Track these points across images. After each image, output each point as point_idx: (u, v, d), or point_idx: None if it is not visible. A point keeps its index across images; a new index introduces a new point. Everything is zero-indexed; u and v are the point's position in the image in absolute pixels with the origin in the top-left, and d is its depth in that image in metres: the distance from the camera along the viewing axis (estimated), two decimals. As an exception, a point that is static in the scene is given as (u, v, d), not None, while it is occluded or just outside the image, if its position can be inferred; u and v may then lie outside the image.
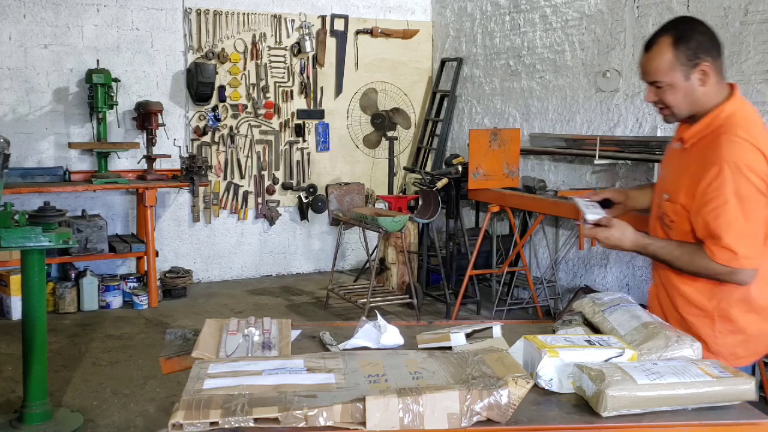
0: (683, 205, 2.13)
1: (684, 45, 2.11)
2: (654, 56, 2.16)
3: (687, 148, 2.20)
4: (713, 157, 2.06)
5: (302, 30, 7.22)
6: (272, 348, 1.95)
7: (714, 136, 2.11)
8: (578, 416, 1.62)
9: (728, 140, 2.06)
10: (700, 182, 2.07)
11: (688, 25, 2.16)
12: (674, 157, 2.27)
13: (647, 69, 2.19)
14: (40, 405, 3.81)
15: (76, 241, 4.20)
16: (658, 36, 2.16)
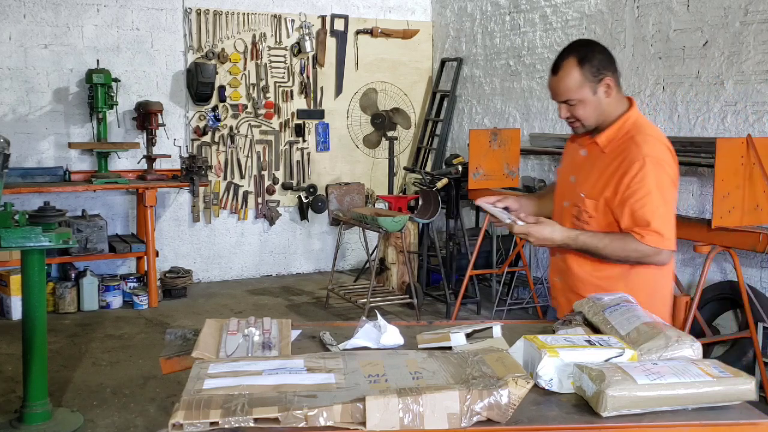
0: (606, 200, 2.36)
1: (588, 63, 2.34)
2: (563, 77, 2.36)
3: (605, 151, 2.41)
4: (634, 153, 2.32)
5: (302, 30, 7.22)
6: (272, 348, 1.95)
7: (627, 137, 2.38)
8: (578, 416, 1.62)
9: (644, 139, 2.35)
10: (624, 177, 2.31)
11: (587, 46, 2.40)
12: (584, 161, 2.48)
13: (558, 90, 2.38)
14: (40, 405, 3.81)
15: (76, 241, 4.20)
16: (563, 59, 2.36)
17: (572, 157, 2.57)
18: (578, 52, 2.35)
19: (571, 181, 2.50)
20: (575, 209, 2.45)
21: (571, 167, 2.54)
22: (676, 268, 4.95)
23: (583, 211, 2.42)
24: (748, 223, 4.08)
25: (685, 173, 5.04)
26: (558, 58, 2.37)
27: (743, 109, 4.64)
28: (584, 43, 2.44)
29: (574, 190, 2.47)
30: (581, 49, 2.37)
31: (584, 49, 2.37)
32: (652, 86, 5.26)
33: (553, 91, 2.41)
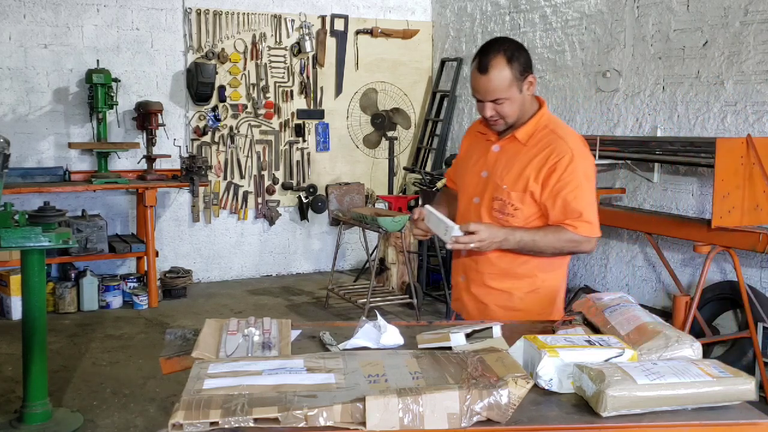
0: (532, 191, 2.40)
1: (516, 62, 2.38)
2: (494, 77, 2.35)
3: (526, 145, 2.44)
4: (562, 147, 2.39)
5: (302, 30, 7.22)
6: (272, 348, 1.95)
7: (547, 131, 2.44)
8: (578, 416, 1.62)
9: (566, 133, 2.44)
10: (554, 170, 2.37)
11: (511, 44, 2.42)
12: (497, 156, 2.50)
13: (488, 89, 2.37)
14: (40, 405, 3.81)
15: (76, 241, 4.20)
16: (491, 58, 2.35)
17: (479, 153, 2.58)
18: (506, 51, 2.36)
19: (483, 176, 2.52)
20: (497, 203, 2.46)
21: (481, 163, 2.55)
22: (676, 267, 4.96)
23: (508, 204, 2.44)
24: (748, 223, 4.08)
25: (685, 173, 5.04)
26: (484, 57, 2.36)
27: (743, 109, 4.64)
28: (505, 41, 2.44)
29: (488, 185, 2.49)
30: (508, 48, 2.38)
31: (511, 48, 2.38)
32: (652, 86, 5.26)
33: (481, 90, 2.38)
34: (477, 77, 2.38)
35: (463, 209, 2.59)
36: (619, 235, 5.58)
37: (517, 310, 2.52)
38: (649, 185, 5.30)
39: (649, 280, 5.39)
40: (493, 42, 2.43)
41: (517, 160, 2.45)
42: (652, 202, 5.26)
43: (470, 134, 2.69)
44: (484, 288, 2.55)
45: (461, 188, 2.64)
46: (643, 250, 5.42)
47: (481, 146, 2.58)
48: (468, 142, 2.70)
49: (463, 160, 2.68)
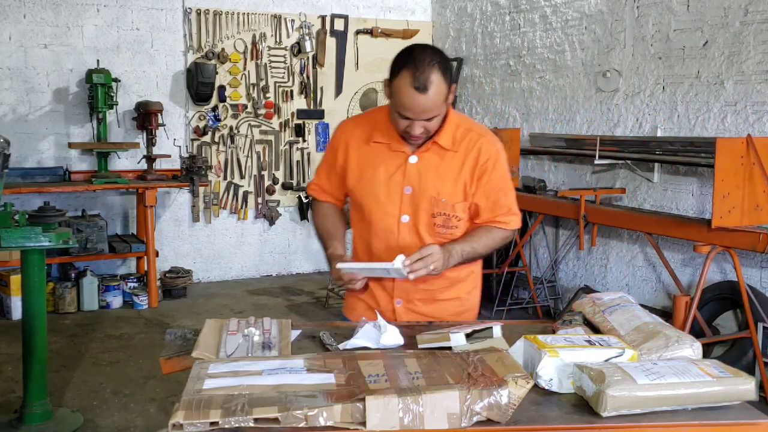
0: (475, 200, 2.33)
1: (448, 74, 2.16)
2: (433, 95, 2.12)
3: (456, 150, 2.30)
4: (486, 147, 2.32)
5: (302, 30, 7.22)
6: (272, 348, 1.95)
7: (464, 131, 2.32)
8: (578, 416, 1.62)
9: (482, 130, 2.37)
10: (485, 172, 2.30)
11: (439, 54, 2.17)
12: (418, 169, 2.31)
13: (426, 108, 2.14)
14: (40, 405, 3.81)
15: (76, 241, 4.20)
16: (429, 74, 2.10)
17: (392, 167, 2.32)
18: (439, 64, 2.12)
19: (407, 192, 2.31)
20: (440, 218, 2.31)
21: (398, 179, 2.31)
22: (676, 267, 4.96)
23: (452, 216, 2.32)
24: (748, 223, 4.08)
25: (685, 173, 5.04)
26: (420, 74, 2.09)
27: (743, 109, 4.64)
28: (433, 51, 2.18)
29: (419, 202, 2.31)
30: (440, 60, 2.14)
31: (442, 60, 2.15)
32: (652, 86, 5.26)
33: (417, 109, 2.14)
34: (413, 96, 2.11)
35: (385, 231, 2.36)
36: (619, 235, 5.58)
37: (466, 310, 2.48)
38: (649, 185, 5.30)
39: (649, 280, 5.39)
40: (420, 53, 2.14)
41: (448, 169, 2.30)
42: (652, 202, 5.26)
43: (355, 141, 2.38)
44: (434, 304, 2.41)
45: (372, 207, 2.37)
46: (643, 250, 5.42)
47: (390, 159, 2.33)
48: (356, 150, 2.38)
49: (362, 173, 2.37)
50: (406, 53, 2.16)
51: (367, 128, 2.38)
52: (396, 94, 2.16)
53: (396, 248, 2.32)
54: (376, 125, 2.36)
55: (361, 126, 2.40)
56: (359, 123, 2.43)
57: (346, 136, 2.42)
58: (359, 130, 2.39)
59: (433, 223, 2.33)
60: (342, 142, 2.42)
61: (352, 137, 2.40)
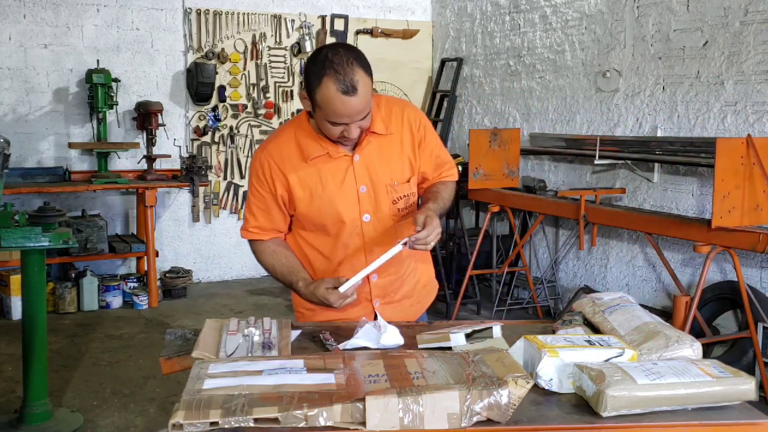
0: (423, 172, 2.40)
1: (367, 66, 2.11)
2: (363, 95, 2.07)
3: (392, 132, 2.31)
4: (409, 115, 2.34)
5: (302, 30, 7.23)
6: (272, 348, 1.95)
7: (388, 110, 2.32)
8: (578, 416, 1.62)
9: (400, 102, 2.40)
10: (422, 141, 2.35)
11: (355, 50, 2.12)
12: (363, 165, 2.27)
13: (359, 109, 2.08)
14: (40, 405, 3.81)
15: (76, 241, 4.20)
16: (354, 74, 2.04)
17: (338, 175, 2.26)
18: (357, 61, 2.06)
19: (363, 191, 2.28)
20: (401, 201, 2.32)
21: (350, 183, 2.27)
22: (676, 267, 4.96)
23: (410, 194, 2.36)
24: (748, 223, 4.08)
25: (685, 173, 5.04)
26: (345, 77, 2.02)
27: (743, 109, 4.64)
28: (347, 49, 2.11)
29: (376, 195, 2.29)
30: (357, 56, 2.09)
31: (359, 55, 2.10)
32: (652, 86, 5.26)
33: (352, 112, 2.08)
34: (344, 101, 2.04)
35: (352, 238, 2.30)
36: (619, 235, 5.58)
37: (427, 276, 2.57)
38: (649, 185, 5.30)
39: (649, 280, 5.39)
40: (333, 56, 2.05)
41: (390, 153, 2.30)
42: (652, 202, 5.26)
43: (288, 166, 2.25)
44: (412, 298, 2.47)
45: (333, 222, 2.29)
46: (643, 250, 5.42)
47: (334, 167, 2.25)
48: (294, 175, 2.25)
49: (312, 193, 2.26)
50: (320, 60, 2.06)
51: (292, 149, 2.26)
52: (324, 104, 2.07)
53: (362, 249, 2.31)
54: (300, 142, 2.26)
55: (283, 150, 2.26)
56: (280, 148, 2.27)
57: (275, 163, 2.27)
58: (284, 154, 2.26)
59: (397, 208, 2.33)
60: (273, 172, 2.27)
61: (284, 164, 2.26)
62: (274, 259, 2.37)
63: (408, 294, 2.46)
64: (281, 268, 2.35)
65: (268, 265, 2.39)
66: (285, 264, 2.35)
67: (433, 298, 2.60)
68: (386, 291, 2.40)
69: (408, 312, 2.47)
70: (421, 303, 2.54)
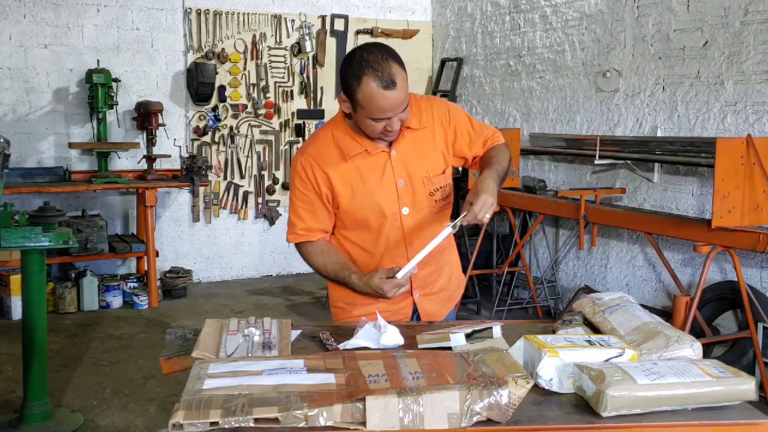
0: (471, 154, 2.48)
1: (400, 60, 2.20)
2: (402, 88, 2.15)
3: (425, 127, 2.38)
4: (438, 109, 2.42)
5: (302, 30, 7.23)
6: (272, 348, 1.95)
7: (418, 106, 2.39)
8: (578, 416, 1.62)
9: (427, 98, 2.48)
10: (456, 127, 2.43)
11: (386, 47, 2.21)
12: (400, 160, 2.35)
13: (400, 101, 2.17)
14: (40, 405, 3.82)
15: (76, 241, 4.20)
16: (392, 69, 2.13)
17: (377, 172, 2.34)
18: (392, 57, 2.16)
19: (401, 185, 2.35)
20: (438, 193, 2.40)
21: (389, 178, 2.34)
22: (676, 267, 4.96)
23: (446, 186, 2.43)
24: (748, 223, 4.08)
25: (685, 173, 5.04)
26: (383, 72, 2.11)
27: (743, 109, 4.64)
28: (380, 47, 2.19)
29: (414, 188, 2.37)
30: (389, 51, 2.18)
31: (391, 50, 2.19)
32: (652, 86, 5.26)
33: (393, 106, 2.16)
34: (386, 96, 2.12)
35: (394, 232, 2.38)
36: (619, 235, 5.58)
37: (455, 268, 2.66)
38: (649, 185, 5.30)
39: (649, 280, 5.39)
40: (368, 55, 2.14)
41: (425, 146, 2.38)
42: (652, 202, 5.26)
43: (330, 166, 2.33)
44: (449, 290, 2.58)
45: (375, 216, 2.36)
46: (643, 250, 5.42)
47: (373, 163, 2.33)
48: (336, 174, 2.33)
49: (353, 190, 2.34)
50: (356, 60, 2.14)
51: (331, 150, 2.33)
52: (366, 102, 2.14)
53: (402, 241, 2.40)
54: (339, 141, 2.33)
55: (322, 151, 2.34)
56: (319, 149, 2.35)
57: (316, 166, 2.34)
58: (324, 155, 2.33)
59: (434, 200, 2.40)
60: (316, 172, 2.34)
61: (324, 164, 2.33)
62: (326, 258, 2.47)
63: (445, 286, 2.56)
64: (333, 265, 2.44)
65: (320, 264, 2.49)
66: (336, 261, 2.44)
67: (462, 292, 2.70)
68: (425, 282, 2.48)
69: (445, 305, 2.58)
70: (455, 295, 2.65)
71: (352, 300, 2.45)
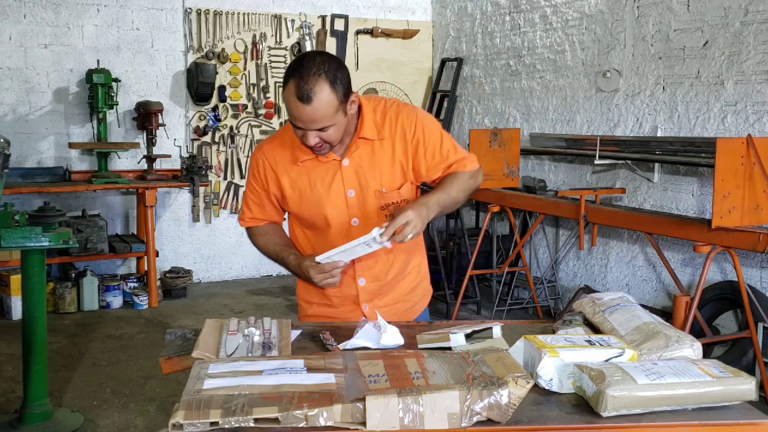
0: (413, 180, 2.34)
1: (339, 85, 2.11)
2: (318, 107, 2.08)
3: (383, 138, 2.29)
4: (405, 120, 2.30)
5: (302, 30, 7.23)
6: (272, 348, 1.95)
7: (382, 116, 2.30)
8: (578, 416, 1.62)
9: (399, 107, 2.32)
10: (419, 144, 2.30)
11: (331, 63, 2.13)
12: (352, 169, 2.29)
13: (313, 119, 2.10)
14: (40, 405, 3.81)
15: (76, 241, 4.20)
16: (313, 85, 2.07)
17: (327, 177, 2.30)
18: (327, 74, 2.08)
19: (351, 196, 2.30)
20: (390, 208, 2.30)
21: (338, 186, 2.30)
22: (676, 267, 4.96)
23: (400, 202, 2.32)
24: (748, 223, 4.08)
25: (685, 173, 5.04)
26: (303, 84, 2.06)
27: (743, 109, 4.64)
28: (323, 59, 2.13)
29: (364, 201, 2.31)
30: (329, 70, 2.10)
31: (332, 69, 2.11)
32: (652, 86, 5.26)
33: (304, 119, 2.10)
34: (297, 106, 2.08)
35: (340, 239, 2.29)
36: (619, 235, 5.58)
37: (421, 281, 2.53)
38: (649, 185, 5.30)
39: (649, 280, 5.39)
40: (308, 62, 2.10)
41: (382, 159, 2.30)
42: (653, 202, 5.26)
43: (281, 167, 2.32)
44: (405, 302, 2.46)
45: (322, 223, 2.35)
46: (643, 250, 5.42)
47: (323, 170, 2.30)
48: (285, 176, 2.33)
49: (301, 195, 2.33)
50: (296, 62, 2.12)
51: (286, 151, 2.32)
52: (286, 103, 2.14)
53: None
54: (294, 143, 2.29)
55: (277, 153, 2.32)
56: (275, 147, 2.33)
57: (269, 163, 2.34)
58: (278, 156, 2.32)
59: (385, 215, 2.31)
60: (267, 172, 2.35)
61: (277, 165, 2.33)
62: (267, 239, 2.46)
63: (402, 298, 2.47)
64: (274, 246, 2.43)
65: (262, 245, 2.47)
66: (278, 242, 2.44)
67: (428, 302, 2.57)
68: (374, 296, 2.42)
69: (404, 316, 2.47)
70: (417, 306, 2.54)
71: (309, 298, 2.47)
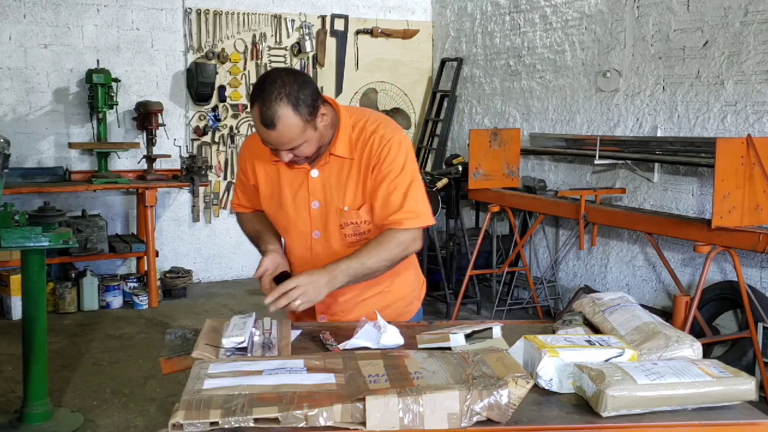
0: (371, 200, 2.23)
1: (303, 106, 2.06)
2: (284, 131, 2.06)
3: (353, 157, 2.23)
4: (376, 141, 2.21)
5: (302, 30, 7.23)
6: (272, 348, 1.95)
7: (358, 131, 2.24)
8: (578, 416, 1.62)
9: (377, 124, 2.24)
10: (376, 164, 2.20)
11: (291, 84, 2.06)
12: (320, 182, 2.26)
13: (281, 141, 2.09)
14: (40, 405, 3.81)
15: (76, 241, 4.20)
16: (275, 111, 2.03)
17: (295, 183, 2.28)
18: (288, 97, 2.03)
19: (315, 207, 2.27)
20: (349, 228, 2.25)
21: (304, 194, 2.28)
22: (676, 267, 4.96)
23: (360, 223, 2.25)
24: (748, 223, 4.08)
25: (685, 173, 5.04)
26: (266, 110, 2.03)
27: (743, 109, 4.64)
28: (284, 80, 2.06)
29: (327, 215, 2.27)
30: (290, 92, 2.04)
31: (293, 91, 2.04)
32: (652, 86, 5.26)
33: (272, 141, 2.10)
34: (263, 131, 2.07)
35: (301, 249, 2.32)
36: (619, 235, 5.58)
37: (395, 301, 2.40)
38: (649, 185, 5.30)
39: (649, 280, 5.39)
40: (269, 85, 2.05)
41: (349, 176, 2.24)
42: (652, 202, 5.26)
43: (260, 161, 2.32)
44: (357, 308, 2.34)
45: (286, 225, 2.35)
46: (643, 250, 5.42)
47: (293, 176, 2.29)
48: (262, 170, 2.33)
49: (271, 193, 2.34)
50: (258, 84, 2.08)
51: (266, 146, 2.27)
52: (255, 125, 2.11)
53: (311, 263, 2.27)
54: None
55: (259, 145, 2.26)
56: (259, 142, 2.26)
57: (251, 155, 2.35)
58: (261, 148, 2.25)
59: (344, 234, 2.27)
60: (248, 162, 2.37)
61: (257, 157, 2.33)
62: (249, 226, 2.51)
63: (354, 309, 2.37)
64: (254, 233, 2.47)
65: (245, 231, 2.54)
66: (258, 230, 2.46)
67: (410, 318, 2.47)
68: (334, 311, 2.38)
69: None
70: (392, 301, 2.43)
71: None
